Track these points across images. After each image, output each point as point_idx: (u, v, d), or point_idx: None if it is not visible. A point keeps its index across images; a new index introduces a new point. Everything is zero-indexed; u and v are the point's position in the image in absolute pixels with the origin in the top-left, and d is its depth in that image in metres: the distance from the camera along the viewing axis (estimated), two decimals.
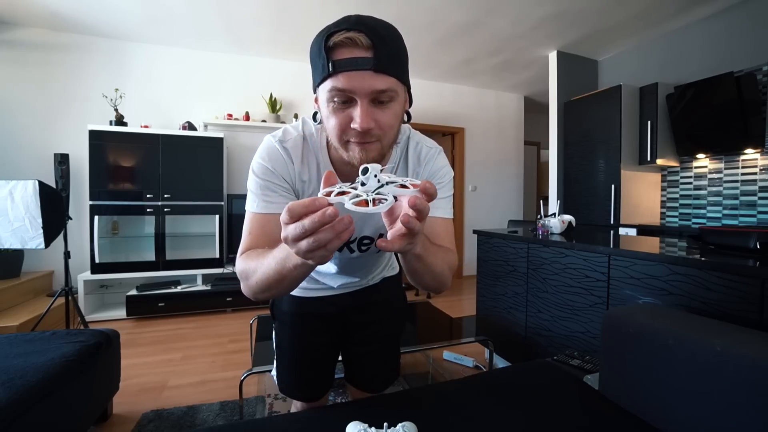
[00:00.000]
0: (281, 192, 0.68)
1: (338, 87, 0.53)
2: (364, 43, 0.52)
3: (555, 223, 2.00)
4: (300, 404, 0.98)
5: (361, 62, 0.52)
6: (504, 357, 2.09)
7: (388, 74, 0.54)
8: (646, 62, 3.42)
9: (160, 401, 1.80)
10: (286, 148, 0.69)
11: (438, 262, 0.61)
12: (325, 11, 2.93)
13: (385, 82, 0.54)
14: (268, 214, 0.66)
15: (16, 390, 1.03)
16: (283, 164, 0.68)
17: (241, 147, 3.76)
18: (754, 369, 0.71)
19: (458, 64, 4.07)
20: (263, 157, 0.68)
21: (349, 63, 0.52)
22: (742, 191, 2.72)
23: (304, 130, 0.72)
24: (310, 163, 0.71)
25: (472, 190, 4.90)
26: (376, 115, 0.56)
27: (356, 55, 0.52)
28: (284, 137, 0.70)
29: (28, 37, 3.16)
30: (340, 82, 0.53)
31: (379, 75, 0.53)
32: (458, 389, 1.05)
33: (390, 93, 0.55)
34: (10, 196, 1.93)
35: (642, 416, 0.92)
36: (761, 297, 1.00)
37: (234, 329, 2.84)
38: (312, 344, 0.94)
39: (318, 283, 0.91)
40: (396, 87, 0.56)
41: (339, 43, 0.53)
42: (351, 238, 0.77)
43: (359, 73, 0.52)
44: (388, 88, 0.55)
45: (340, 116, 0.56)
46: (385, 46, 0.53)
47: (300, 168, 0.69)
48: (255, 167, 0.68)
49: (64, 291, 2.29)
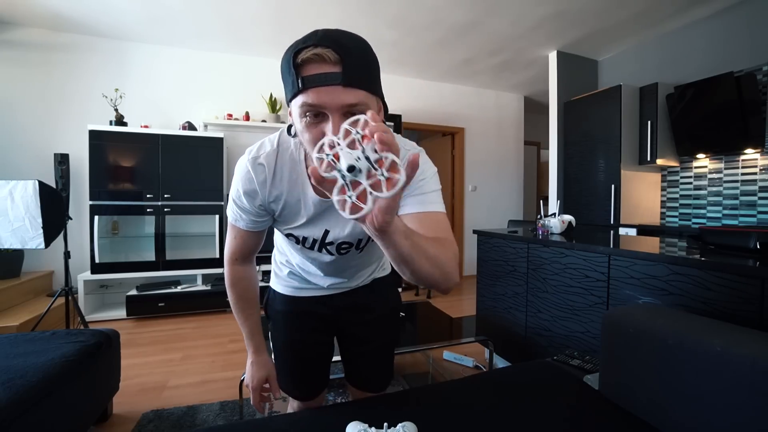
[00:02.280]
0: (250, 215, 0.77)
1: (309, 102, 0.54)
2: (331, 59, 0.52)
3: (555, 223, 2.00)
4: (297, 403, 0.99)
5: (329, 77, 0.52)
6: (504, 357, 2.09)
7: (358, 87, 0.54)
8: (646, 62, 3.42)
9: (160, 401, 1.80)
10: (260, 164, 0.72)
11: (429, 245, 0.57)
12: (325, 11, 2.93)
13: (354, 96, 0.54)
14: (244, 230, 0.80)
15: (16, 390, 1.03)
16: (253, 189, 0.73)
17: (241, 147, 3.76)
18: (754, 369, 0.71)
19: (458, 64, 4.07)
20: (237, 182, 0.75)
21: (317, 79, 0.52)
22: (742, 191, 2.72)
23: (279, 142, 0.74)
24: (282, 177, 0.73)
25: (472, 190, 4.90)
26: None
27: (324, 70, 0.52)
28: (258, 153, 0.73)
29: (28, 37, 3.16)
30: (311, 98, 0.53)
31: (348, 89, 0.53)
32: (458, 389, 1.05)
33: (360, 107, 0.55)
34: (10, 196, 1.94)
35: (642, 416, 0.92)
36: (761, 297, 1.00)
37: (234, 329, 2.84)
38: (305, 343, 0.95)
39: (309, 283, 0.92)
40: (366, 100, 0.56)
41: (307, 60, 0.53)
42: (328, 241, 0.79)
43: (329, 89, 0.53)
44: (359, 102, 0.54)
45: (313, 131, 0.56)
46: (351, 59, 0.53)
47: (272, 184, 0.73)
48: (232, 189, 0.76)
49: (64, 291, 2.29)
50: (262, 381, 0.93)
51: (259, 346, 0.94)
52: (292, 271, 0.93)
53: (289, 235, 0.82)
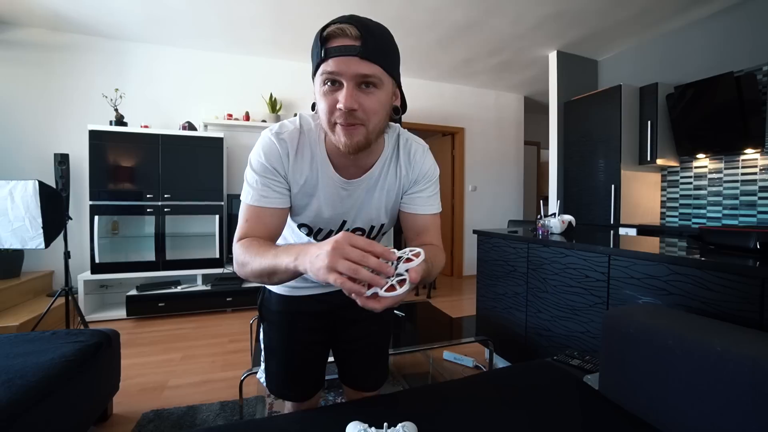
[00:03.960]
0: (275, 187, 0.72)
1: (327, 70, 0.60)
2: (353, 34, 0.58)
3: (555, 223, 2.00)
4: (290, 405, 0.98)
5: (348, 49, 0.59)
6: (504, 357, 2.09)
7: (373, 62, 0.60)
8: (646, 62, 3.42)
9: (160, 401, 1.80)
10: (283, 140, 0.72)
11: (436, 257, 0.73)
12: (325, 11, 2.93)
13: (369, 68, 0.60)
14: (264, 207, 0.72)
15: (16, 390, 1.03)
16: (278, 158, 0.72)
17: (241, 147, 3.76)
18: (754, 369, 0.71)
19: (458, 64, 4.07)
20: (259, 152, 0.72)
21: (338, 50, 0.59)
22: (742, 191, 2.72)
23: (301, 123, 0.75)
24: (304, 155, 0.74)
25: (472, 190, 4.89)
26: (360, 98, 0.61)
27: (345, 43, 0.59)
28: (281, 130, 0.74)
29: (28, 37, 3.16)
30: (330, 66, 0.59)
31: (364, 61, 0.59)
32: (458, 389, 1.05)
33: (374, 79, 0.61)
34: (10, 196, 1.93)
35: (642, 416, 0.92)
36: (761, 297, 1.00)
37: (234, 329, 2.84)
38: (303, 343, 0.94)
39: (307, 281, 0.92)
40: (381, 75, 0.62)
41: (332, 33, 0.59)
42: (345, 228, 0.83)
43: (346, 59, 0.59)
44: (372, 74, 0.60)
45: (329, 99, 0.62)
46: (372, 38, 0.59)
47: (294, 160, 0.73)
48: (252, 162, 0.73)
49: (64, 291, 2.29)
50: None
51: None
52: None
53: (302, 225, 0.81)
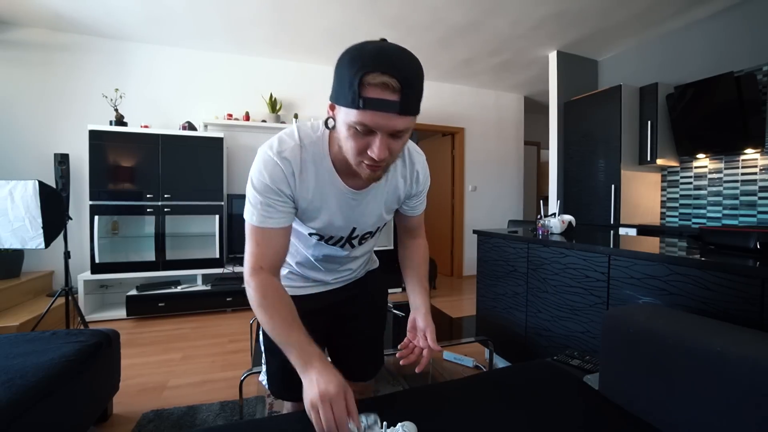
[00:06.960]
0: (280, 207, 0.72)
1: (365, 122, 0.59)
2: (394, 87, 0.56)
3: (555, 223, 2.00)
4: (290, 405, 0.97)
5: (389, 105, 0.57)
6: (504, 357, 2.09)
7: (410, 115, 0.61)
8: (646, 62, 3.42)
9: (160, 401, 1.80)
10: (286, 159, 0.70)
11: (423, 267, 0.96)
12: (325, 11, 2.93)
13: (405, 122, 0.61)
14: (270, 228, 0.72)
15: (16, 390, 1.03)
16: (283, 179, 0.71)
17: (241, 147, 3.76)
18: (754, 369, 0.71)
19: (458, 64, 4.07)
20: (261, 172, 0.70)
21: (378, 104, 0.57)
22: (742, 191, 2.72)
23: (300, 136, 0.73)
24: (309, 170, 0.73)
25: (472, 190, 4.89)
26: (390, 145, 0.63)
27: (386, 97, 0.57)
28: (281, 147, 0.71)
29: (28, 37, 3.16)
30: (367, 119, 0.58)
31: (402, 117, 0.59)
32: (458, 389, 1.05)
33: (406, 132, 0.63)
34: (10, 196, 1.93)
35: (642, 416, 0.91)
36: (761, 297, 1.00)
37: (234, 329, 2.84)
38: None
39: (309, 281, 0.93)
40: (412, 123, 0.63)
41: (373, 83, 0.56)
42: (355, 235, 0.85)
43: (385, 115, 0.58)
44: (406, 128, 0.62)
45: (359, 142, 0.62)
46: (411, 90, 0.58)
47: (300, 179, 0.72)
48: (255, 182, 0.71)
49: (64, 291, 2.29)
50: (343, 385, 0.66)
51: (321, 354, 0.71)
52: (291, 270, 0.93)
53: (312, 233, 0.82)
